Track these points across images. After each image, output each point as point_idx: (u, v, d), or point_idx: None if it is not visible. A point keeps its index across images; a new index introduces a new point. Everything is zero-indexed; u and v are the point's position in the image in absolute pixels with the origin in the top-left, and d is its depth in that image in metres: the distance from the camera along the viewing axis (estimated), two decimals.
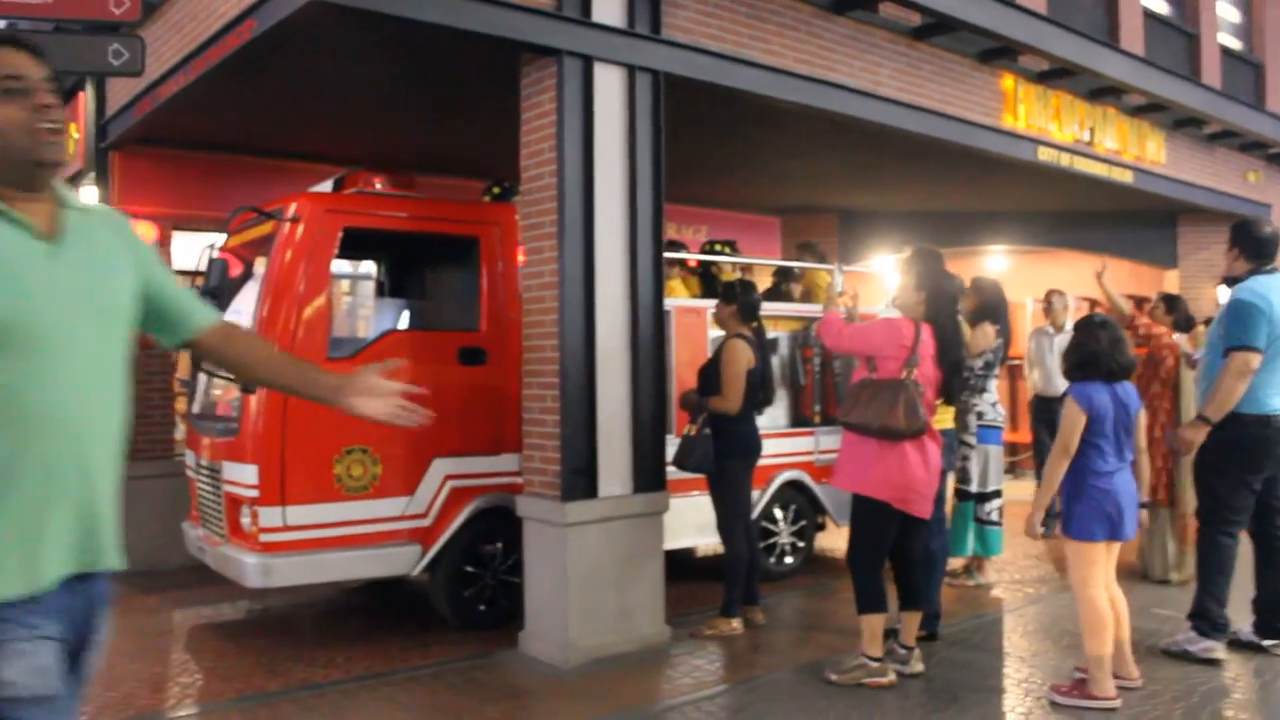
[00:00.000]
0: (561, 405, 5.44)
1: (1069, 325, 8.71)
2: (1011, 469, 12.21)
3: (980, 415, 6.87)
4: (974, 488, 6.87)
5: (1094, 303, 12.79)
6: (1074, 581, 4.60)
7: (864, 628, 4.87)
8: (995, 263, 13.56)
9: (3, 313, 1.87)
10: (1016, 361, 11.82)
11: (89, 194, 7.93)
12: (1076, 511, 4.53)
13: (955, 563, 7.13)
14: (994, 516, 6.91)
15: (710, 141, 8.13)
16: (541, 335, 5.60)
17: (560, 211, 5.47)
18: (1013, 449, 12.38)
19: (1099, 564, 4.53)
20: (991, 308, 7.02)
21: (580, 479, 5.46)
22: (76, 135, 8.53)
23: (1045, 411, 9.12)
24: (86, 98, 8.17)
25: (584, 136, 5.55)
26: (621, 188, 5.71)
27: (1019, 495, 9.59)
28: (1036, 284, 9.37)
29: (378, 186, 6.21)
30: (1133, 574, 6.89)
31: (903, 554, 5.03)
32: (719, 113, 7.07)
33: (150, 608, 6.70)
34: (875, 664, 4.86)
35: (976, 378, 6.89)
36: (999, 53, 7.90)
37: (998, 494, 6.92)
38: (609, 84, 5.67)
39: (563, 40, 5.48)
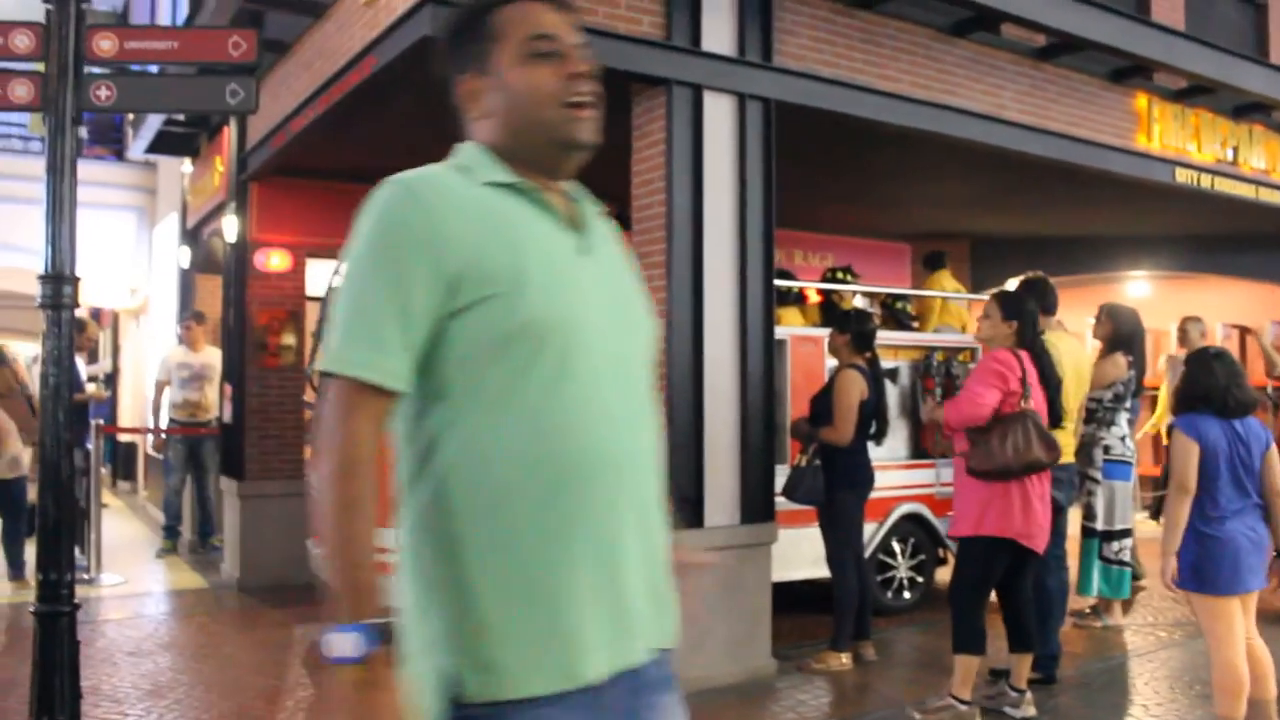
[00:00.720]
0: (668, 435, 5.44)
1: None
2: (1155, 505, 11.67)
3: (1107, 449, 6.61)
4: (1099, 525, 6.60)
5: (1244, 330, 12.23)
6: (1206, 637, 4.25)
7: (957, 667, 4.74)
8: (1137, 289, 13.02)
9: (541, 309, 1.51)
10: (1155, 392, 11.33)
11: (230, 224, 8.32)
12: (1185, 561, 4.16)
13: (1082, 602, 6.86)
14: (1123, 556, 6.61)
15: (832, 167, 8.04)
16: None
17: (668, 240, 5.49)
18: (1157, 483, 11.84)
19: (1226, 618, 4.09)
20: (1126, 337, 6.77)
21: (686, 509, 5.44)
22: (221, 168, 8.97)
23: None
24: (230, 132, 8.59)
25: (693, 165, 5.56)
26: (731, 217, 5.70)
27: (1157, 533, 9.18)
28: (1181, 311, 8.97)
29: None
30: None
31: (1014, 593, 4.87)
32: (838, 138, 6.99)
33: (275, 621, 6.94)
34: (964, 707, 4.72)
35: (1105, 410, 6.63)
36: (1131, 71, 7.62)
37: (1126, 533, 6.62)
38: (719, 112, 5.67)
39: (672, 70, 5.51)
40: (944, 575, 7.75)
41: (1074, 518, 6.28)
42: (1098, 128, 7.58)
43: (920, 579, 7.18)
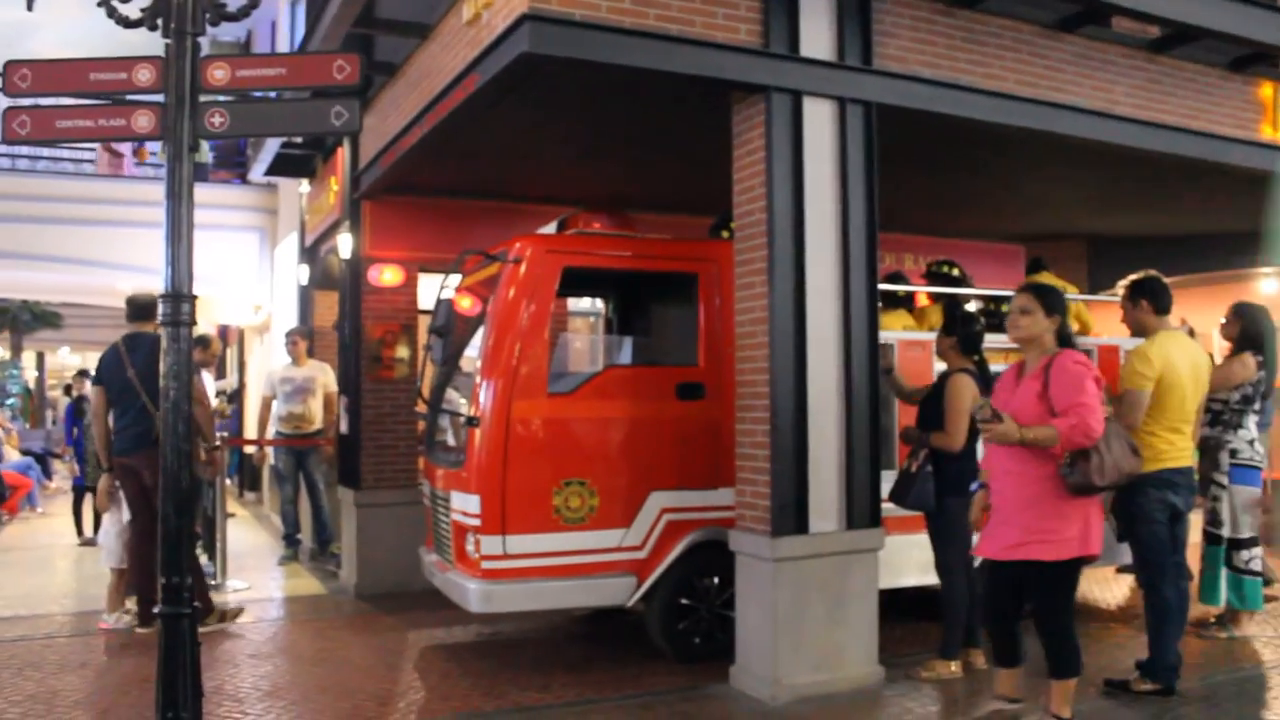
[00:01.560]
0: (772, 440, 5.43)
1: None
2: None
3: (1234, 453, 6.37)
4: (1226, 532, 6.35)
5: None
6: None
7: (1058, 689, 4.56)
8: (1268, 286, 12.48)
9: None
10: None
11: (345, 241, 8.59)
12: None
13: (1208, 611, 6.62)
14: (1253, 566, 6.34)
15: (940, 170, 7.92)
16: (753, 370, 5.62)
17: (770, 246, 5.48)
18: None
19: None
20: (1254, 336, 6.52)
21: (790, 514, 5.42)
22: (336, 187, 9.27)
23: None
24: (344, 153, 8.87)
25: (793, 171, 5.55)
26: (833, 221, 5.67)
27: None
28: None
29: (596, 227, 6.42)
30: None
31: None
32: (943, 140, 6.89)
33: (390, 626, 7.13)
34: None
35: (1232, 412, 6.40)
36: (1253, 59, 7.31)
37: (1255, 541, 6.35)
38: (819, 117, 5.65)
39: (770, 77, 5.51)
40: None
41: (1194, 524, 6.08)
42: (1217, 119, 7.31)
43: None
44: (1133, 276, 5.76)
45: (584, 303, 9.48)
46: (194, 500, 4.37)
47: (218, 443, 8.28)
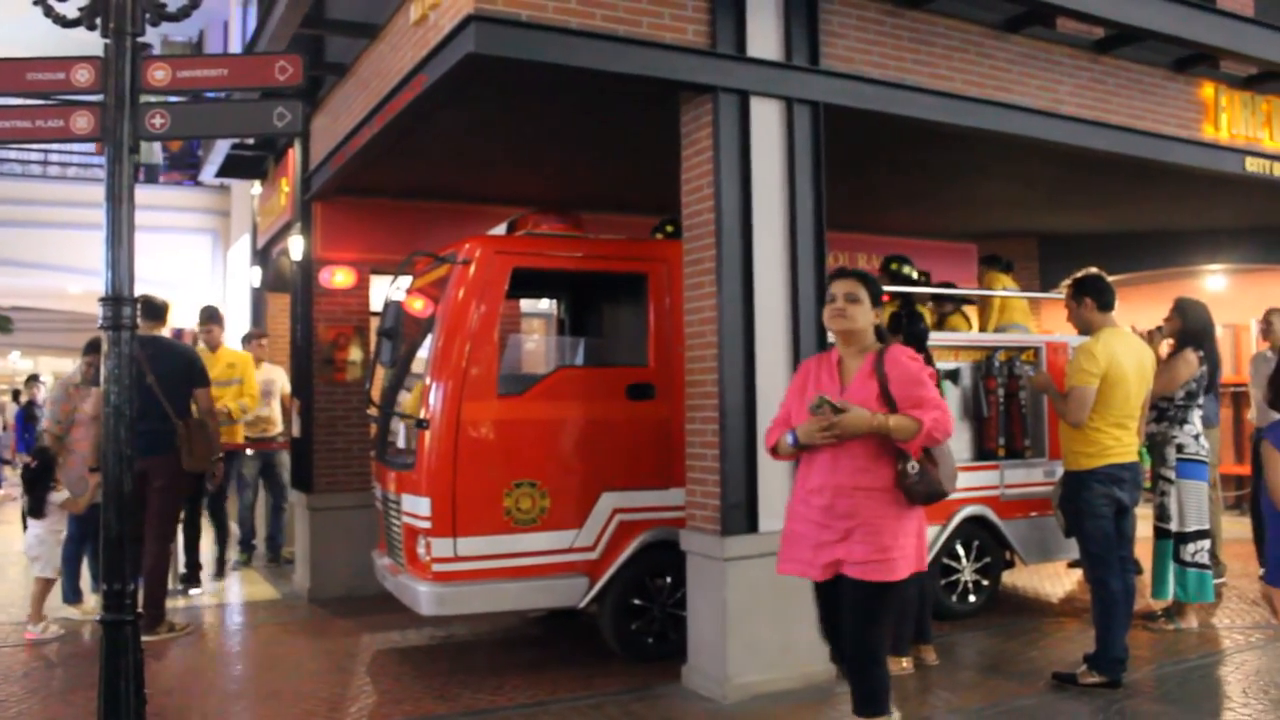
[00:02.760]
0: (722, 440, 5.45)
1: None
2: (1238, 504, 11.35)
3: (1180, 448, 6.46)
4: (1174, 526, 6.44)
5: None
6: None
7: None
8: (1214, 283, 12.69)
9: None
10: (1243, 388, 11.01)
11: (296, 243, 8.51)
12: (1270, 556, 4.17)
13: (1155, 605, 6.71)
14: (1199, 559, 6.42)
15: (890, 169, 7.97)
16: (703, 370, 5.63)
17: (718, 246, 5.49)
18: (1239, 482, 11.52)
19: None
20: (1195, 333, 6.62)
21: (740, 513, 5.44)
22: (287, 189, 9.19)
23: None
24: (295, 154, 8.80)
25: (741, 170, 5.57)
26: (781, 221, 5.69)
27: (1240, 534, 8.94)
28: (1262, 305, 8.68)
29: (546, 228, 6.41)
30: None
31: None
32: (892, 140, 6.94)
33: (342, 631, 7.07)
34: None
35: (1177, 408, 6.49)
36: (1195, 60, 7.43)
37: (1202, 534, 6.44)
38: (766, 117, 5.67)
39: (717, 77, 5.52)
40: (1010, 579, 7.65)
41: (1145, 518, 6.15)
42: (1161, 119, 7.41)
43: (985, 582, 7.05)
44: (1075, 275, 5.82)
45: (534, 304, 9.46)
46: (134, 505, 4.30)
47: (220, 454, 8.20)
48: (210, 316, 9.52)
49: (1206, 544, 6.49)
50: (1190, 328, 6.66)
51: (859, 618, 3.94)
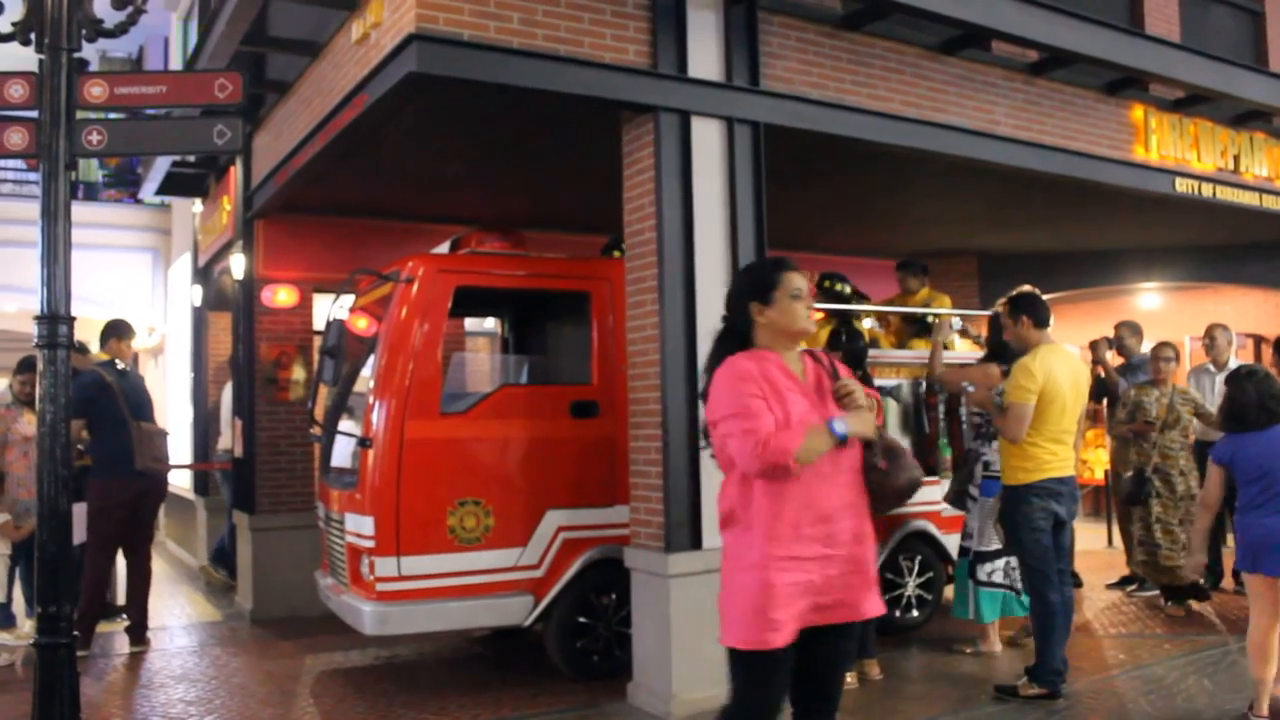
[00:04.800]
0: (665, 457, 5.48)
1: (1234, 362, 8.18)
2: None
3: (987, 465, 6.37)
4: (973, 545, 6.39)
5: (1260, 339, 12.11)
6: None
7: None
8: (1148, 300, 12.97)
9: None
10: None
11: (238, 262, 8.43)
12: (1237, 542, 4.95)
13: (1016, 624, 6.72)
14: (994, 579, 6.32)
15: (830, 188, 8.07)
16: (646, 388, 5.66)
17: (660, 264, 5.54)
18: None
19: (1255, 597, 4.83)
20: (998, 345, 6.52)
21: (684, 530, 5.47)
22: (229, 206, 9.11)
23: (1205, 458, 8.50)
24: (236, 172, 8.73)
25: (683, 189, 5.62)
26: (723, 239, 5.75)
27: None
28: (1197, 322, 8.87)
29: (489, 247, 6.42)
30: None
31: None
32: (832, 159, 7.03)
33: (285, 652, 6.99)
34: None
35: (989, 424, 6.33)
36: (1126, 83, 7.62)
37: (998, 554, 6.33)
38: (707, 137, 5.73)
39: (659, 97, 5.58)
40: (951, 592, 7.72)
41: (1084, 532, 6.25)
42: (1093, 140, 7.59)
43: (929, 596, 7.14)
44: (1010, 293, 5.90)
45: (478, 322, 9.45)
46: (70, 527, 4.25)
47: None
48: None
49: (1001, 564, 6.33)
50: (995, 340, 6.58)
51: (843, 664, 3.33)
